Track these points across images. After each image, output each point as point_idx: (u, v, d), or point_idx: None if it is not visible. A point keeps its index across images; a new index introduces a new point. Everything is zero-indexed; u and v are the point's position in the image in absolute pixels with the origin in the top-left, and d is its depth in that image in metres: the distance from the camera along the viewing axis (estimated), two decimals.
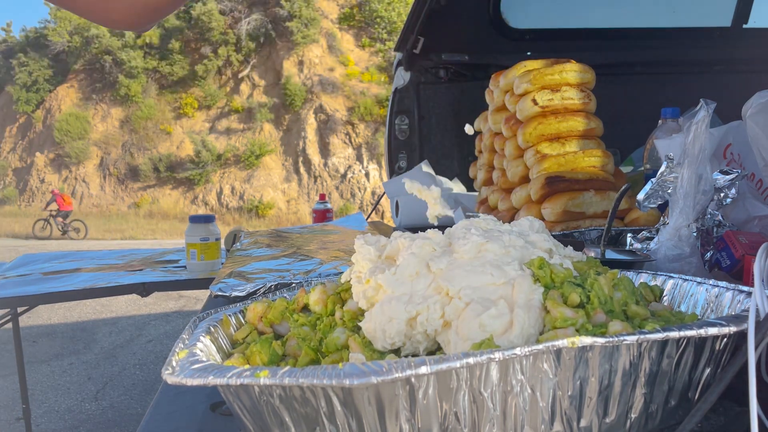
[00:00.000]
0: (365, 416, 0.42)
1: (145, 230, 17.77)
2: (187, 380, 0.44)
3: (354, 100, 21.08)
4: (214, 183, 21.37)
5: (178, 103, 23.38)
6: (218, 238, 2.07)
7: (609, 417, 0.46)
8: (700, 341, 0.47)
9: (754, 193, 1.01)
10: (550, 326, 0.49)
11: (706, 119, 0.82)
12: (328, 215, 2.76)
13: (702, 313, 0.59)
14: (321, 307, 0.61)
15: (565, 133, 1.42)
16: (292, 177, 20.75)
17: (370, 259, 0.59)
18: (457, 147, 2.72)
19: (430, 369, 0.40)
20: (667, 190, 0.89)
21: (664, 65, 2.65)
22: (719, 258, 0.84)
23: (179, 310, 6.37)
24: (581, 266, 0.58)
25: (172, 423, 0.62)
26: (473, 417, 0.43)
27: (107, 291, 2.04)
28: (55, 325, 5.81)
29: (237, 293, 1.05)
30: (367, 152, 20.17)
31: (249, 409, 0.47)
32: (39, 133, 24.14)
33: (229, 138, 22.05)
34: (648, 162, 1.38)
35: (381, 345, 0.52)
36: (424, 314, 0.51)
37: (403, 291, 0.53)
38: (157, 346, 5.07)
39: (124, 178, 22.57)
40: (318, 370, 0.41)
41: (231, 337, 0.62)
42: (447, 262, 0.54)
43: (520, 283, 0.51)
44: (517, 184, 1.50)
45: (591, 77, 1.45)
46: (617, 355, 0.44)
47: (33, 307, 2.35)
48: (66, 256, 2.69)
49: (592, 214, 1.32)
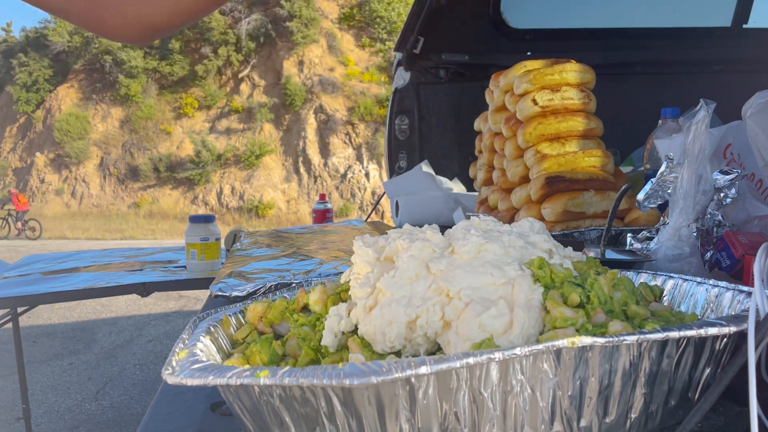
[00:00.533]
0: (365, 416, 0.42)
1: (145, 230, 17.77)
2: (187, 380, 0.44)
3: (354, 100, 21.08)
4: (214, 183, 21.37)
5: (178, 103, 23.38)
6: (218, 238, 2.07)
7: (609, 417, 0.46)
8: (700, 341, 0.47)
9: (754, 193, 1.01)
10: (550, 326, 0.49)
11: (706, 119, 0.82)
12: (328, 215, 2.76)
13: (702, 313, 0.59)
14: (321, 307, 0.61)
15: (565, 133, 1.42)
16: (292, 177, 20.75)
17: (368, 262, 0.59)
18: (457, 147, 2.72)
19: (430, 369, 0.40)
20: (667, 190, 0.89)
21: (664, 65, 2.65)
22: (719, 258, 0.84)
23: (179, 310, 6.37)
24: (581, 266, 0.58)
25: (172, 423, 0.62)
26: (473, 417, 0.43)
27: (107, 291, 2.04)
28: (55, 325, 5.81)
29: (237, 293, 1.05)
30: (367, 152, 20.17)
31: (249, 409, 0.47)
32: (39, 133, 24.15)
33: (229, 138, 22.05)
34: (648, 162, 1.38)
35: (380, 348, 0.52)
36: (424, 317, 0.51)
37: (402, 294, 0.53)
38: (157, 346, 5.07)
39: (124, 178, 22.57)
40: (318, 370, 0.41)
41: (231, 337, 0.62)
42: (447, 263, 0.54)
43: (520, 283, 0.51)
44: (517, 184, 1.50)
45: (591, 77, 1.45)
46: (617, 355, 0.44)
47: (33, 307, 2.35)
48: (66, 256, 2.69)
49: (592, 214, 1.32)
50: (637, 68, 2.66)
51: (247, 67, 23.06)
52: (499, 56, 2.54)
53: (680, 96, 1.75)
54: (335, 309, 0.58)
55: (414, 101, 2.70)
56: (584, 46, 2.64)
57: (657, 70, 2.67)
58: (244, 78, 23.04)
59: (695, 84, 2.43)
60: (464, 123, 2.05)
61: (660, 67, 2.66)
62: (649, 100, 2.01)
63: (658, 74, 2.66)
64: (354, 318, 0.55)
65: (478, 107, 1.86)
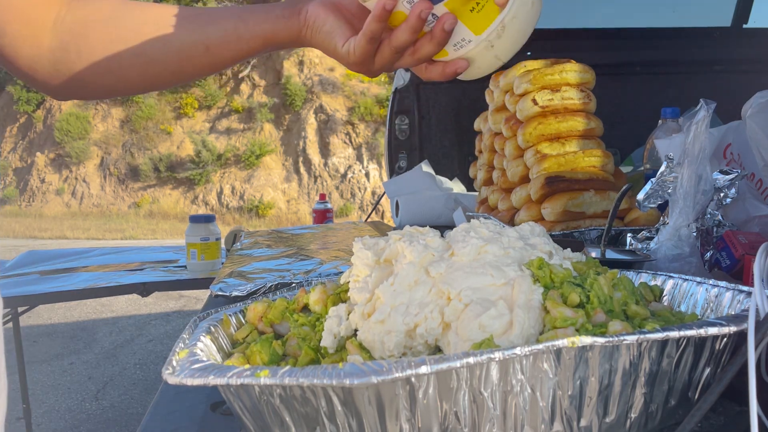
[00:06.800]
0: (365, 416, 0.42)
1: (145, 230, 17.76)
2: (187, 380, 0.45)
3: (354, 100, 21.07)
4: (215, 183, 21.37)
5: (179, 103, 23.37)
6: (218, 238, 2.07)
7: (609, 417, 0.46)
8: (700, 341, 0.47)
9: (754, 193, 1.01)
10: (550, 326, 0.49)
11: (706, 119, 0.82)
12: (328, 215, 2.76)
13: (702, 313, 0.59)
14: (321, 307, 0.61)
15: (565, 133, 1.42)
16: (292, 177, 20.76)
17: (367, 264, 0.59)
18: (457, 147, 2.72)
19: (430, 369, 0.40)
20: (667, 190, 0.89)
21: (664, 65, 2.65)
22: (719, 258, 0.84)
23: (179, 310, 6.37)
24: (581, 266, 0.58)
25: (172, 423, 0.62)
26: (473, 417, 0.43)
27: (107, 291, 2.05)
28: (55, 324, 5.81)
29: (237, 293, 1.06)
30: (367, 152, 20.17)
31: (249, 408, 0.47)
32: (39, 133, 24.15)
33: (230, 138, 22.05)
34: (648, 162, 1.38)
35: (379, 356, 0.52)
36: (423, 325, 0.51)
37: (401, 301, 0.53)
38: (157, 346, 5.07)
39: (124, 178, 22.57)
40: (318, 370, 0.41)
41: (231, 337, 0.62)
42: (446, 266, 0.54)
43: (519, 283, 0.51)
44: (517, 184, 1.50)
45: (591, 77, 1.45)
46: (617, 355, 0.44)
47: (33, 307, 2.35)
48: (66, 255, 2.69)
49: (592, 214, 1.32)
50: (637, 68, 2.66)
51: (248, 67, 23.05)
52: None
53: (680, 96, 1.75)
54: (335, 310, 0.58)
55: (414, 101, 2.70)
56: (584, 46, 2.64)
57: (657, 70, 2.67)
58: (245, 78, 23.04)
59: (695, 84, 2.43)
60: (464, 123, 2.05)
61: (660, 67, 2.65)
62: (649, 100, 2.01)
63: (658, 74, 2.66)
64: (353, 322, 0.55)
65: (478, 107, 1.86)
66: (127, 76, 0.75)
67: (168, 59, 0.73)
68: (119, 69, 0.73)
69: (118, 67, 0.73)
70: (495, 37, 0.66)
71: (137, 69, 0.74)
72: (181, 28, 0.73)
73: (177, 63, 0.74)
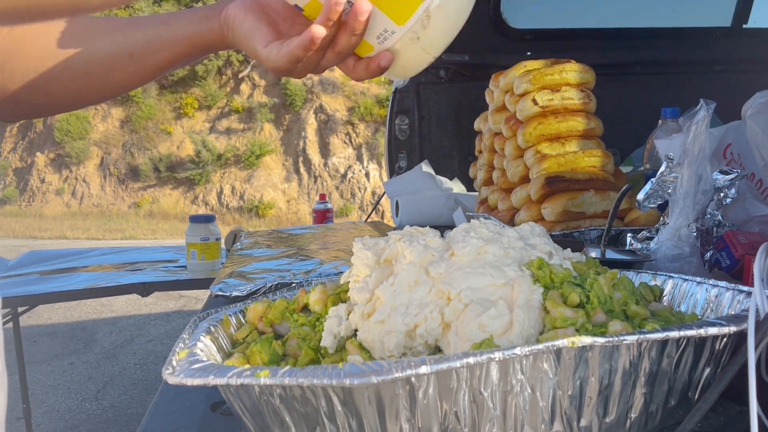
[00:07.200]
0: (365, 416, 0.42)
1: (145, 230, 17.76)
2: (187, 380, 0.45)
3: (354, 100, 21.07)
4: (215, 183, 21.37)
5: (179, 103, 23.37)
6: (218, 238, 2.08)
7: (609, 417, 0.46)
8: (700, 341, 0.47)
9: (754, 193, 1.01)
10: (550, 326, 0.49)
11: (706, 119, 0.82)
12: (328, 215, 2.76)
13: (702, 313, 0.59)
14: (321, 307, 0.61)
15: (565, 133, 1.42)
16: (292, 177, 20.76)
17: (367, 265, 0.59)
18: (457, 147, 2.72)
19: (430, 369, 0.40)
20: (667, 190, 0.89)
21: (664, 65, 2.65)
22: (719, 258, 0.84)
23: (179, 310, 6.37)
24: (581, 266, 0.58)
25: (172, 423, 0.62)
26: (473, 417, 0.43)
27: (107, 291, 2.05)
28: (55, 325, 5.81)
29: (237, 293, 1.06)
30: (367, 152, 20.17)
31: (249, 408, 0.47)
32: (39, 133, 24.15)
33: (230, 138, 22.05)
34: (648, 162, 1.38)
35: (379, 356, 0.52)
36: (423, 325, 0.51)
37: (401, 301, 0.53)
38: (157, 346, 5.07)
39: (124, 178, 22.57)
40: (318, 370, 0.41)
41: (231, 337, 0.62)
42: (446, 266, 0.54)
43: (519, 283, 0.51)
44: (517, 184, 1.50)
45: (591, 77, 1.45)
46: (617, 355, 0.44)
47: (33, 307, 2.35)
48: (66, 255, 2.69)
49: (592, 214, 1.32)
50: (637, 68, 2.65)
51: (248, 67, 23.05)
52: (499, 56, 2.54)
53: (680, 96, 1.75)
54: (335, 310, 0.58)
55: (414, 101, 2.69)
56: (584, 46, 2.64)
57: (657, 70, 2.67)
58: (245, 78, 23.04)
59: (695, 84, 2.43)
60: (464, 123, 2.05)
61: (660, 67, 2.65)
62: (649, 100, 2.00)
63: (658, 74, 2.66)
64: (353, 322, 0.55)
65: (478, 107, 1.86)
66: (53, 91, 0.73)
67: (92, 71, 0.72)
68: (47, 85, 0.72)
69: (46, 82, 0.72)
70: (420, 28, 0.61)
71: (63, 83, 0.72)
72: (106, 37, 0.71)
73: (103, 74, 0.72)
